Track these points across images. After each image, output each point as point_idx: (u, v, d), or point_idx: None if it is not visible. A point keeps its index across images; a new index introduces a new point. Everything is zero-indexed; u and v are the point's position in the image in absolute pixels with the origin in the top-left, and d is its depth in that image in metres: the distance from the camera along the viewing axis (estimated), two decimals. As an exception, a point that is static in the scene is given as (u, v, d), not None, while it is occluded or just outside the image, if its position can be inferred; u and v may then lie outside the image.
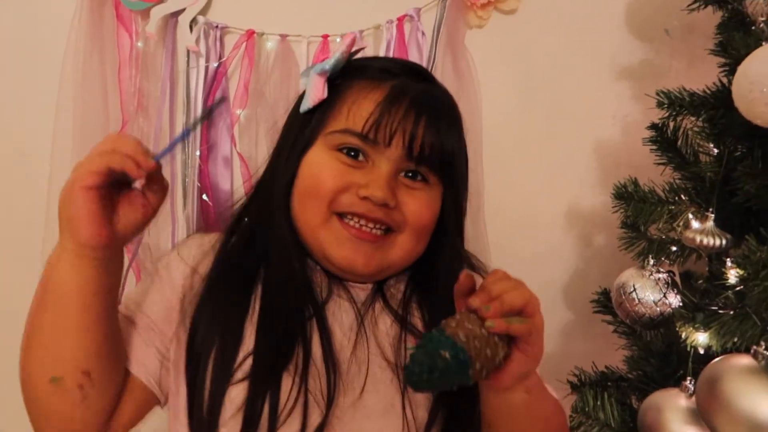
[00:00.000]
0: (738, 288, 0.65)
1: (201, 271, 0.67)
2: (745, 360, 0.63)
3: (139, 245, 1.05)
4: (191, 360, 0.64)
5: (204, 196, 1.03)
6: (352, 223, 0.64)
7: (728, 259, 0.70)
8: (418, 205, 0.65)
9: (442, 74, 1.10)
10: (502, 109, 1.16)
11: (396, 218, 0.64)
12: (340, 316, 0.67)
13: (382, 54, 1.07)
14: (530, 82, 1.16)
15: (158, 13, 1.01)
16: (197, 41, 1.03)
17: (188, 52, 1.04)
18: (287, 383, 0.62)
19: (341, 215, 0.64)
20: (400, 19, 1.07)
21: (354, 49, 0.69)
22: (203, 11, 1.04)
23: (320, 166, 0.65)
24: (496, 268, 0.56)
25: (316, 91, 0.66)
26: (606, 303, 1.04)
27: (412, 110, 0.63)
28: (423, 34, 1.08)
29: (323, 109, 0.67)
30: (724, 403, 0.60)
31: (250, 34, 1.05)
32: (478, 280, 0.56)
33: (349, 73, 0.68)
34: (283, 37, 1.05)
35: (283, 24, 1.05)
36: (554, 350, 1.27)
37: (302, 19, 1.06)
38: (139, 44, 1.02)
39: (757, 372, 0.61)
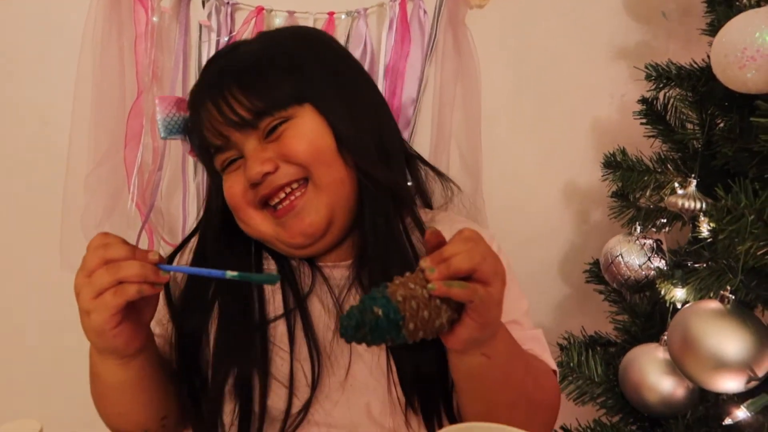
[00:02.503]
0: (709, 240, 0.69)
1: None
2: (712, 304, 0.66)
3: (151, 209, 1.11)
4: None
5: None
6: (275, 209, 0.67)
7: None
8: (291, 142, 0.65)
9: (443, 53, 1.12)
10: (501, 87, 1.18)
11: (289, 171, 0.65)
12: (321, 301, 0.70)
13: (384, 31, 1.10)
14: (529, 62, 1.18)
15: (173, -11, 1.06)
16: (209, 16, 1.06)
17: (200, 26, 1.07)
18: (277, 363, 0.67)
19: (266, 206, 0.68)
20: None
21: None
22: None
23: (225, 189, 0.69)
24: (464, 228, 0.53)
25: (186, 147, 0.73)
26: (597, 273, 1.08)
27: (207, 98, 0.67)
28: (425, 12, 1.10)
29: (201, 157, 0.74)
30: (693, 345, 0.64)
31: (260, 10, 1.08)
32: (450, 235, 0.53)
33: (190, 114, 0.73)
34: (291, 13, 1.08)
35: (290, 1, 1.07)
36: (552, 324, 1.30)
37: None
38: (155, 19, 1.06)
39: (723, 314, 0.64)
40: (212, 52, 1.06)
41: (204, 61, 1.07)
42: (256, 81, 0.66)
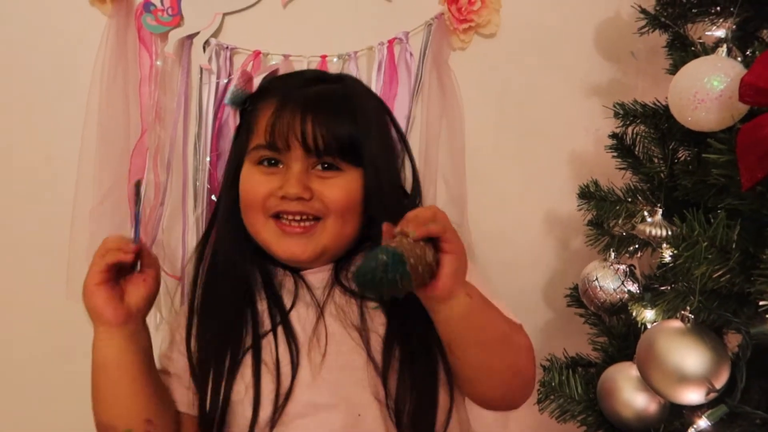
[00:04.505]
0: (671, 265, 0.75)
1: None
2: (674, 324, 0.73)
3: (153, 242, 1.16)
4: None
5: (213, 197, 1.14)
6: (285, 222, 0.74)
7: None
8: (332, 190, 0.73)
9: (429, 91, 1.19)
10: (483, 123, 1.23)
11: (316, 207, 0.73)
12: (306, 305, 0.77)
13: (374, 72, 1.17)
14: (509, 99, 1.24)
15: (175, 35, 1.12)
16: (210, 60, 1.13)
17: (201, 70, 1.13)
18: (266, 351, 0.74)
19: (276, 216, 0.75)
20: (391, 42, 1.16)
21: (265, 73, 0.82)
22: (215, 34, 1.14)
23: (248, 180, 0.76)
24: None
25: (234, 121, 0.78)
26: (578, 297, 1.13)
27: (298, 111, 0.72)
28: (411, 55, 1.17)
29: (242, 134, 0.80)
30: (658, 360, 0.70)
31: (257, 54, 1.14)
32: None
33: (255, 97, 0.80)
34: (286, 57, 1.14)
35: (285, 45, 1.13)
36: (536, 347, 1.34)
37: (303, 41, 1.15)
38: (158, 63, 1.12)
39: (683, 332, 0.70)
40: (212, 94, 1.13)
41: (204, 102, 1.14)
42: (343, 123, 0.74)
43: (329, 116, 0.73)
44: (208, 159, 1.14)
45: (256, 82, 0.81)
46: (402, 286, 0.56)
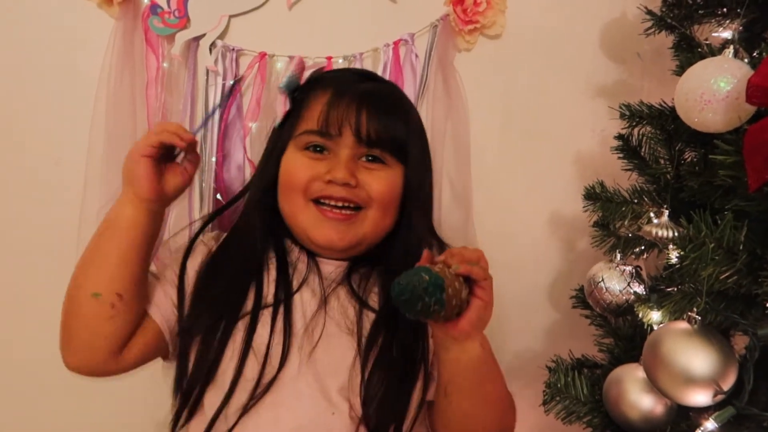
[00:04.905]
0: (678, 266, 0.75)
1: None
2: (681, 325, 0.72)
3: (159, 245, 1.16)
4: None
5: (218, 196, 1.14)
6: (326, 208, 0.76)
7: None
8: (378, 182, 0.76)
9: (434, 93, 1.18)
10: (489, 124, 1.24)
11: (361, 195, 0.76)
12: (311, 289, 0.79)
13: (379, 74, 1.17)
14: (514, 100, 1.25)
15: (182, 37, 1.12)
16: (216, 62, 1.13)
17: (207, 71, 1.13)
18: (259, 332, 0.75)
19: (317, 202, 0.76)
20: (396, 43, 1.16)
21: (314, 69, 0.84)
22: (221, 36, 1.14)
23: (292, 163, 0.78)
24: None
25: (282, 107, 0.80)
26: (583, 298, 1.13)
27: (354, 103, 0.75)
28: (416, 56, 1.17)
29: (290, 120, 0.81)
30: (665, 362, 0.70)
31: (262, 55, 1.15)
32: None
33: (306, 87, 0.82)
34: (292, 58, 1.14)
35: (291, 47, 1.14)
36: (542, 348, 1.35)
37: (309, 42, 1.15)
38: (165, 65, 1.13)
39: (690, 334, 0.70)
40: (218, 96, 1.14)
41: (211, 104, 1.15)
42: (396, 120, 0.78)
43: (384, 112, 0.77)
44: (213, 159, 1.15)
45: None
46: (433, 310, 0.57)
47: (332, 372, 0.74)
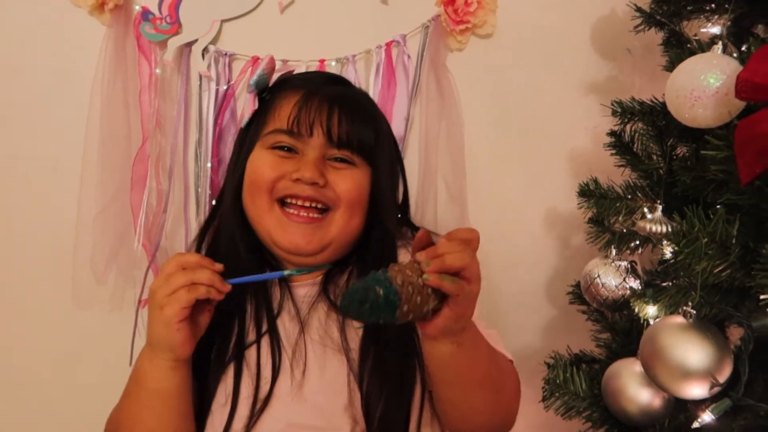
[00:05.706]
0: (672, 261, 0.76)
1: None
2: (677, 319, 0.73)
3: (157, 249, 1.16)
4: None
5: (214, 202, 1.14)
6: (291, 211, 0.75)
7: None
8: (346, 181, 0.75)
9: (427, 93, 1.19)
10: (482, 123, 1.24)
11: (328, 195, 0.75)
12: (289, 315, 0.77)
13: (372, 75, 1.18)
14: (507, 98, 1.25)
15: (174, 43, 1.12)
16: (208, 67, 1.13)
17: (200, 76, 1.14)
18: (250, 356, 0.74)
19: (282, 203, 0.75)
20: (388, 45, 1.17)
21: (283, 70, 0.84)
22: (214, 41, 1.14)
23: (259, 162, 0.77)
24: (458, 228, 0.61)
25: (249, 106, 0.80)
26: (580, 294, 1.14)
27: (326, 104, 0.75)
28: (409, 57, 1.18)
29: (257, 119, 0.81)
30: (661, 356, 0.71)
31: (255, 60, 1.14)
32: (437, 240, 0.60)
33: (275, 88, 0.82)
34: (284, 62, 1.14)
35: (284, 50, 1.13)
36: (540, 344, 1.36)
37: (301, 45, 1.15)
38: (158, 71, 1.13)
39: (686, 328, 0.71)
40: (212, 101, 1.14)
41: (204, 109, 1.15)
42: (366, 123, 0.78)
43: (355, 114, 0.77)
44: (209, 165, 1.15)
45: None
46: (384, 324, 0.55)
47: (331, 395, 0.73)
